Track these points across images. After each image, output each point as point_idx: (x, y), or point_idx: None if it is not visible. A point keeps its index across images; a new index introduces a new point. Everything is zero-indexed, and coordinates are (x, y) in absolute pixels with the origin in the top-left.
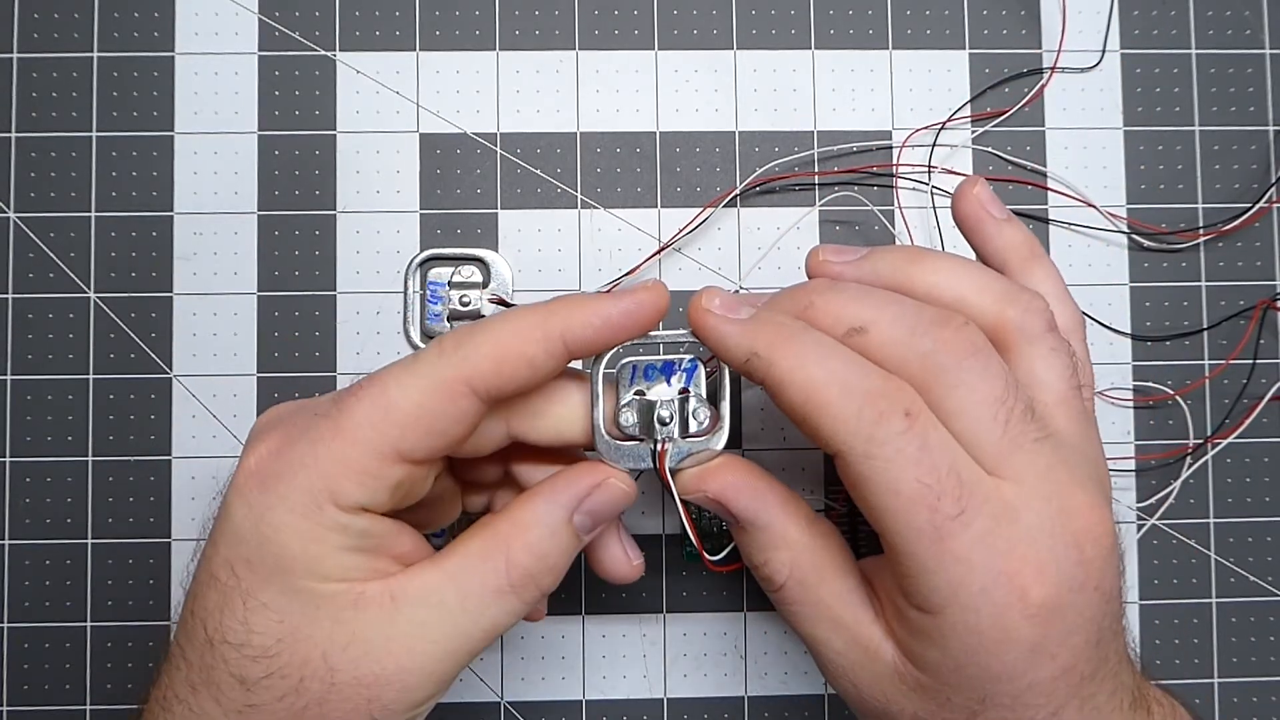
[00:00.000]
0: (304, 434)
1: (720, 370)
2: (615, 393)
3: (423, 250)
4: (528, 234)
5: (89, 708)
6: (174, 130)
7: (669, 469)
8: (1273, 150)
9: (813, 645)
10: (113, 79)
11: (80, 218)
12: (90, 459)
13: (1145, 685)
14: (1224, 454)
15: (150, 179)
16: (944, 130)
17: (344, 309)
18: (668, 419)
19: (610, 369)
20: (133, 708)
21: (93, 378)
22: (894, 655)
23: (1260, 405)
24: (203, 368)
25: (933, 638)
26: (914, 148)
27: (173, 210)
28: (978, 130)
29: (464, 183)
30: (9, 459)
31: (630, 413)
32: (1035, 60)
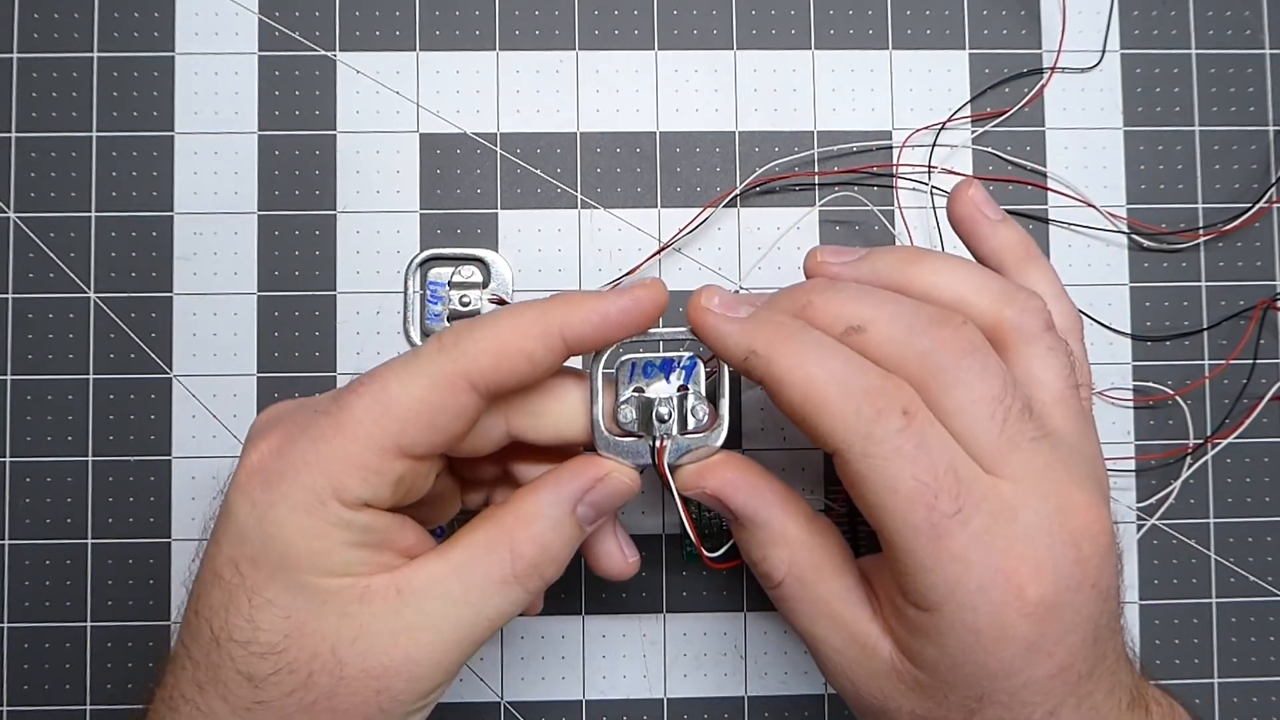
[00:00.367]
0: (305, 431)
1: (720, 368)
2: (614, 390)
3: (423, 250)
4: (528, 234)
5: (89, 708)
6: (174, 130)
7: (668, 466)
8: (1273, 150)
9: (811, 642)
10: (113, 79)
11: (80, 218)
12: (90, 459)
13: (1144, 684)
14: (1224, 454)
15: (150, 179)
16: (944, 130)
17: (344, 309)
18: (666, 416)
19: (610, 368)
20: (133, 708)
21: (93, 378)
22: (891, 653)
23: (1260, 405)
24: (203, 368)
25: (930, 635)
26: (914, 148)
27: (173, 210)
28: (978, 130)
29: (464, 183)
30: (9, 459)
31: (629, 409)
32: (1035, 60)
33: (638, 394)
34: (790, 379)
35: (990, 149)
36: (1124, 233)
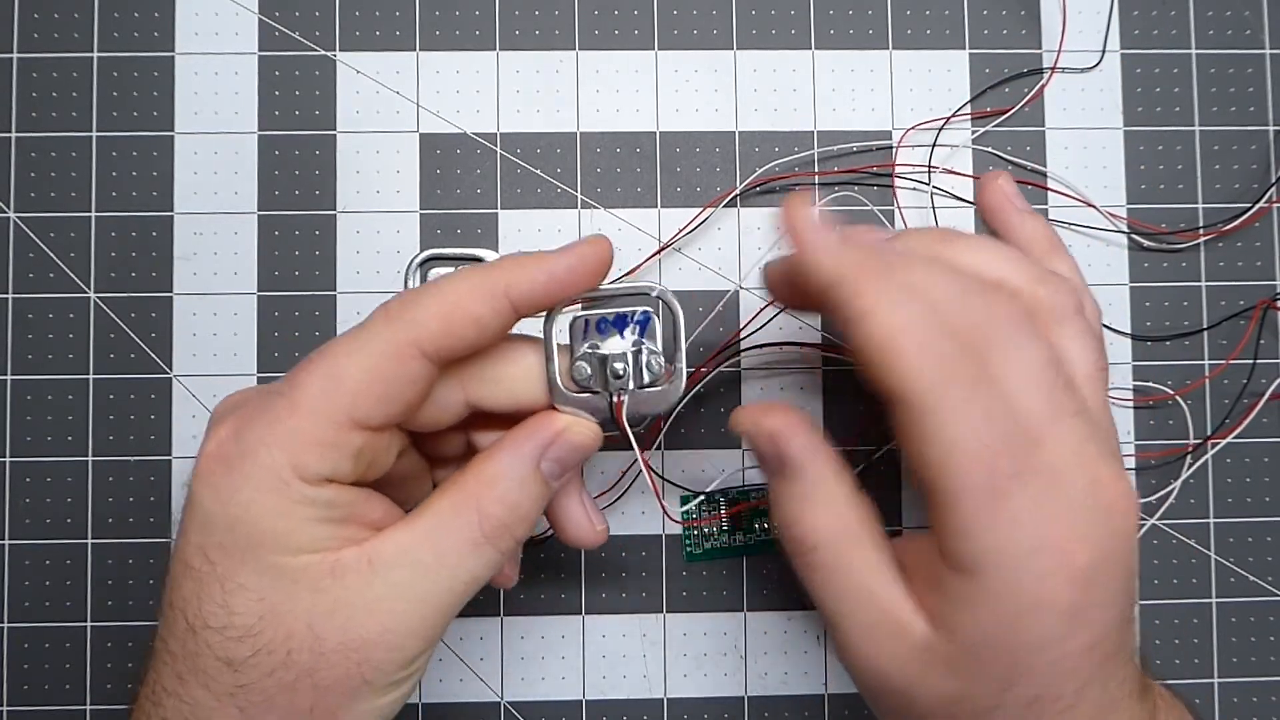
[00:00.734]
0: (261, 413)
1: (676, 320)
2: (570, 349)
3: (423, 250)
4: (528, 234)
5: (89, 708)
6: (174, 130)
7: (625, 420)
8: (1273, 150)
9: (837, 620)
10: (113, 79)
11: (80, 218)
12: (90, 459)
13: (1147, 678)
14: (1224, 454)
15: (150, 179)
16: (944, 130)
17: (344, 309)
18: (621, 372)
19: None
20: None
21: (93, 378)
22: (924, 631)
23: (1260, 404)
24: (203, 368)
25: (973, 604)
26: (914, 148)
27: (173, 210)
28: (978, 130)
29: (464, 183)
30: (9, 459)
31: (585, 365)
32: (1035, 60)
33: (592, 350)
34: (875, 317)
35: (990, 149)
36: (1124, 233)
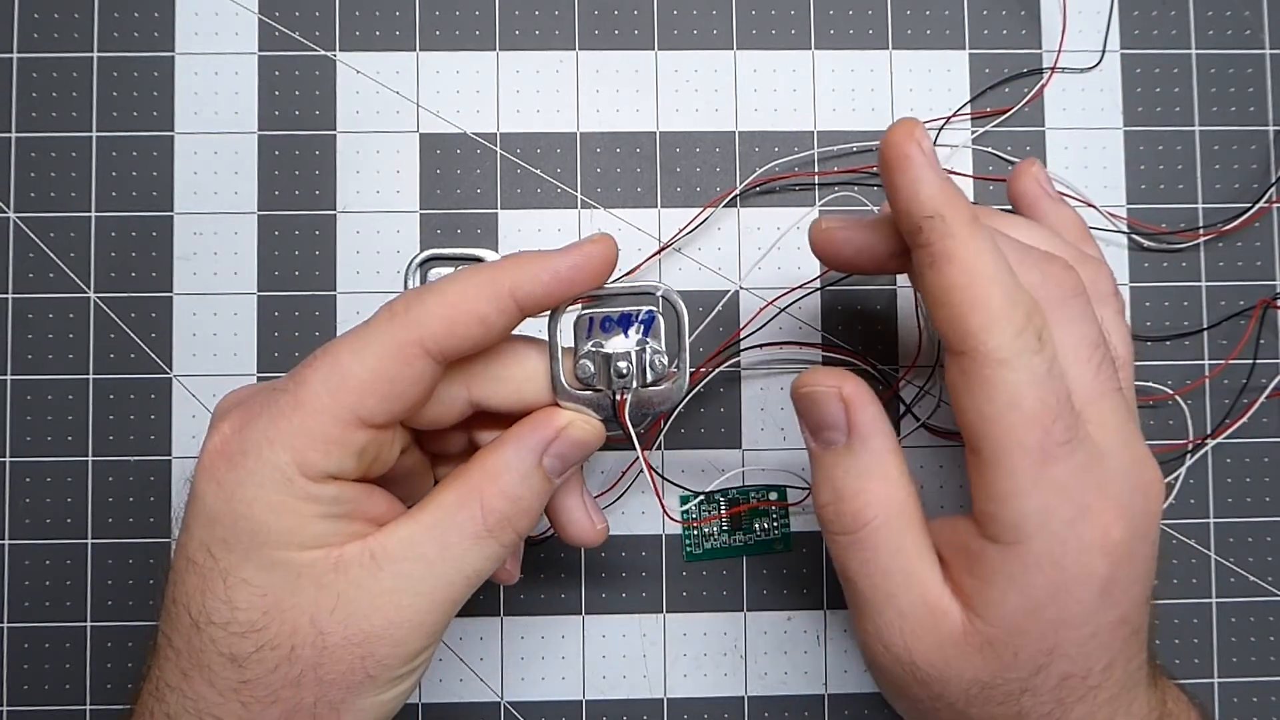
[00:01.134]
0: (265, 410)
1: (680, 320)
2: (574, 347)
3: (423, 250)
4: (528, 234)
5: (89, 708)
6: (174, 130)
7: (629, 418)
8: (1273, 150)
9: (875, 603)
10: (113, 79)
11: (80, 218)
12: (90, 459)
13: (1156, 665)
14: (1224, 454)
15: (150, 179)
16: (944, 130)
17: (344, 309)
18: (625, 371)
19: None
20: (133, 709)
21: (93, 378)
22: (959, 616)
23: (1258, 402)
24: (203, 368)
25: (1012, 577)
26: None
27: (173, 210)
28: (978, 130)
29: (464, 183)
30: (9, 459)
31: (588, 364)
32: (1035, 60)
33: (596, 349)
34: (964, 261)
35: (990, 149)
36: (1124, 233)
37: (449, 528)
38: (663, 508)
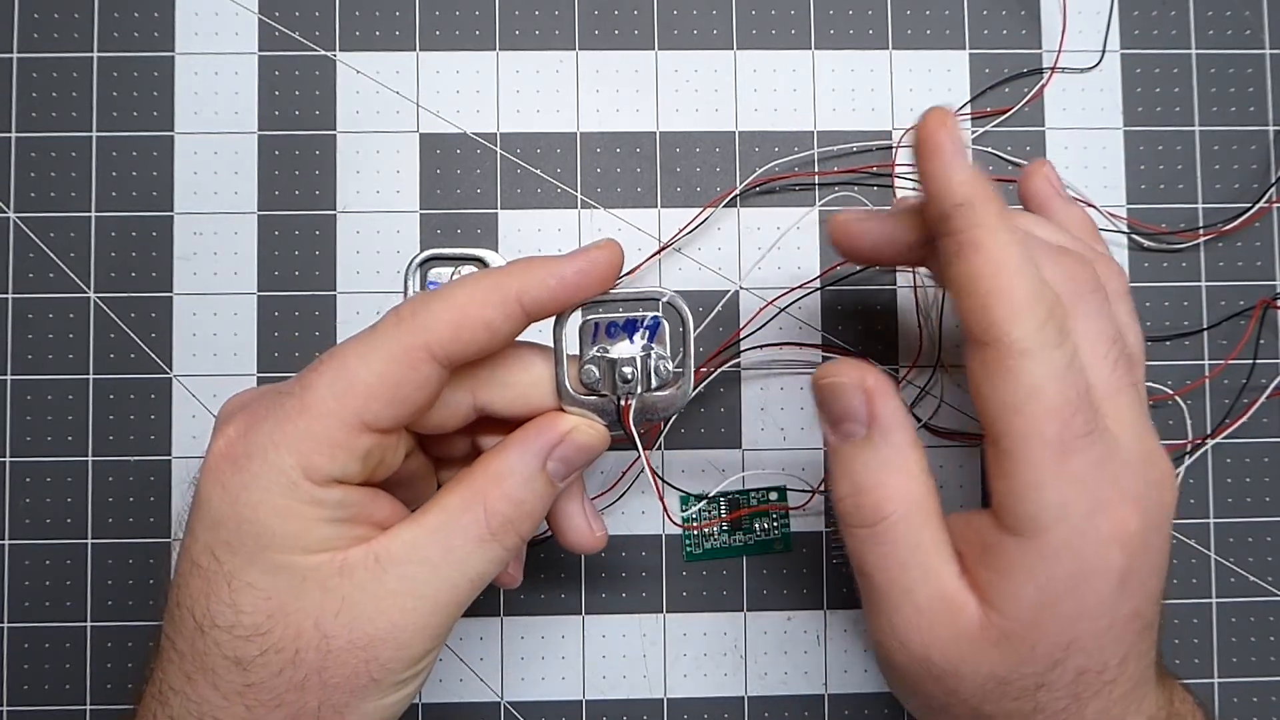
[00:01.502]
0: (270, 413)
1: (685, 326)
2: (579, 352)
3: (423, 250)
4: (528, 234)
5: (89, 708)
6: (174, 130)
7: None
8: (1273, 150)
9: (891, 597)
10: (113, 79)
11: (80, 218)
12: (90, 459)
13: (1163, 670)
14: (1224, 454)
15: (150, 179)
16: None
17: (344, 309)
18: (630, 376)
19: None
20: (133, 709)
21: (93, 378)
22: (976, 611)
23: (1259, 402)
24: (203, 368)
25: (1030, 569)
26: (913, 147)
27: (173, 210)
28: (978, 130)
29: (464, 183)
30: (9, 459)
31: (593, 369)
32: (1035, 60)
33: (602, 354)
34: (990, 251)
35: (990, 149)
36: (1124, 233)
37: (453, 531)
38: (665, 511)
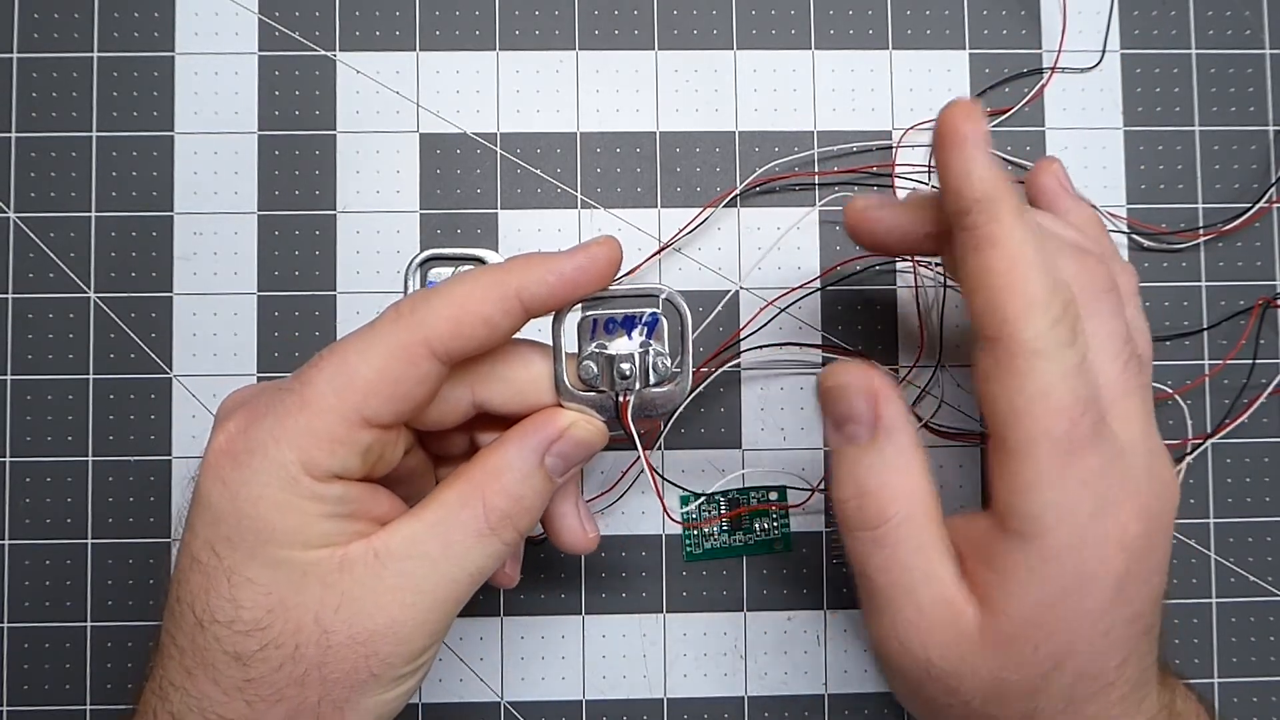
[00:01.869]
0: (271, 409)
1: (684, 322)
2: (577, 348)
3: (423, 250)
4: (528, 234)
5: (89, 708)
6: (174, 130)
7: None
8: (1273, 150)
9: (893, 600)
10: (113, 79)
11: (80, 218)
12: (90, 459)
13: (1164, 664)
14: (1224, 453)
15: (150, 179)
16: None
17: (344, 309)
18: (628, 372)
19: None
20: (134, 709)
21: (93, 378)
22: (975, 614)
23: (1258, 401)
24: (203, 368)
25: (1032, 569)
26: (913, 148)
27: (173, 210)
28: None
29: (464, 183)
30: (9, 459)
31: (592, 365)
32: (1035, 60)
33: (600, 350)
34: (1007, 247)
35: (990, 149)
36: (1124, 233)
37: (452, 525)
38: (664, 509)
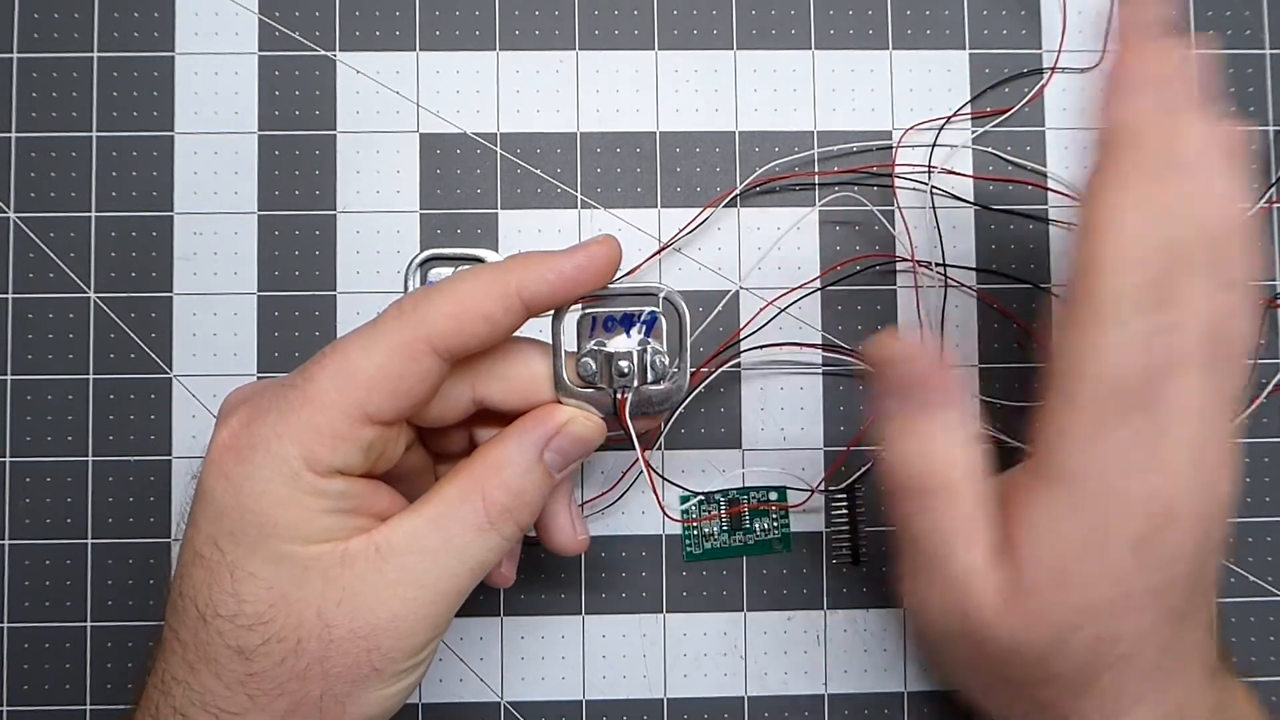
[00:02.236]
0: (274, 405)
1: (682, 321)
2: (577, 346)
3: (423, 250)
4: (528, 234)
5: (89, 708)
6: (174, 130)
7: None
8: (1273, 150)
9: (935, 562)
10: (113, 79)
11: (80, 218)
12: (90, 459)
13: (1227, 674)
14: None
15: (150, 179)
16: (944, 130)
17: (344, 309)
18: (627, 370)
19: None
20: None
21: (93, 378)
22: (1009, 571)
23: (1258, 402)
24: (203, 368)
25: (1057, 517)
26: (913, 148)
27: (173, 210)
28: (978, 130)
29: (464, 183)
30: (9, 459)
31: (590, 362)
32: (1035, 60)
33: (599, 348)
34: (1126, 198)
35: (990, 149)
36: None
37: (452, 520)
38: (661, 507)
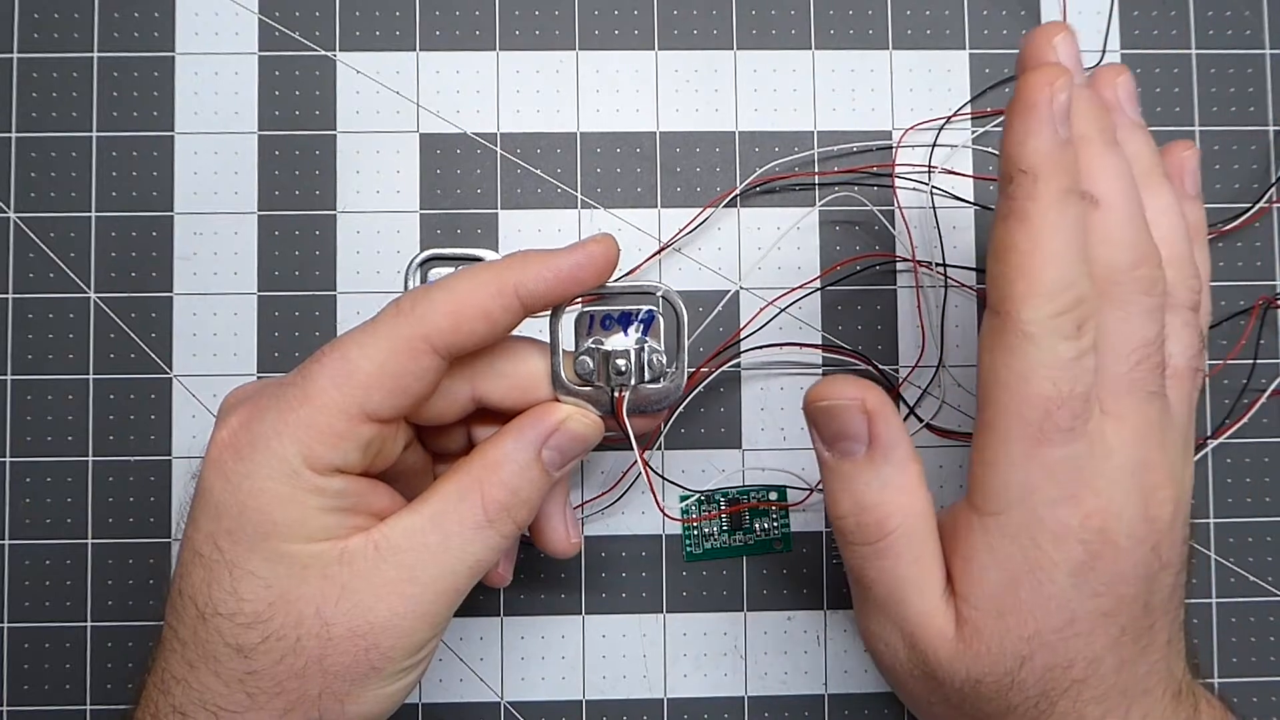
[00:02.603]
0: (273, 404)
1: (680, 320)
2: (575, 344)
3: (423, 250)
4: (528, 234)
5: (89, 708)
6: (174, 130)
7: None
8: (1273, 150)
9: (886, 608)
10: (113, 79)
11: (80, 218)
12: (90, 459)
13: (1198, 687)
14: (1224, 453)
15: (150, 179)
16: (944, 130)
17: (344, 309)
18: (624, 368)
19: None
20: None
21: (93, 378)
22: (956, 611)
23: (1259, 402)
24: (203, 368)
25: (992, 548)
26: (914, 147)
27: (173, 210)
28: (978, 130)
29: (464, 183)
30: (9, 459)
31: (588, 360)
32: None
33: (596, 346)
34: (1034, 228)
35: (990, 149)
36: None
37: (450, 518)
38: (660, 508)
